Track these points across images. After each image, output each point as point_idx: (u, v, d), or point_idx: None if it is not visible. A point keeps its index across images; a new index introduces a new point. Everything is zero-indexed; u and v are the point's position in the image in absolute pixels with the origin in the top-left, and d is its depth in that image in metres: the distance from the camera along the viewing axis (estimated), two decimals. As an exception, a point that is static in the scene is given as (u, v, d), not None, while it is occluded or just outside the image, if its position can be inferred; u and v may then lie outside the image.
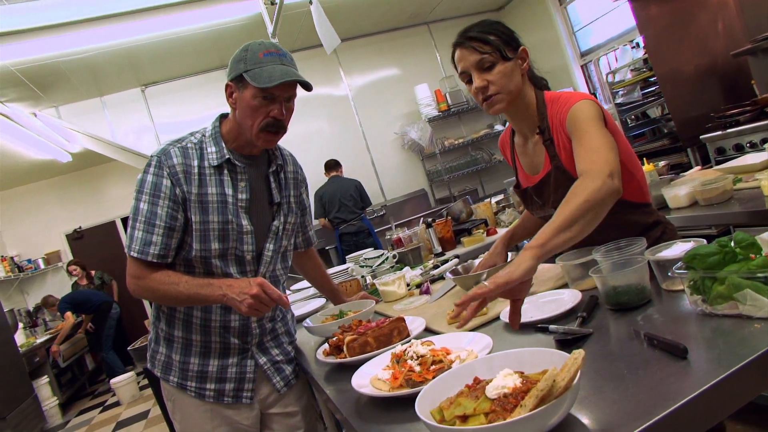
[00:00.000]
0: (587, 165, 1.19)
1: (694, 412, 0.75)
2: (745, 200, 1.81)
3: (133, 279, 1.44)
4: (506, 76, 1.40)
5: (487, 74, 1.40)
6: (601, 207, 1.11)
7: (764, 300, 0.88)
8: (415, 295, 1.96)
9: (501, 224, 3.05)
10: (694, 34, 3.82)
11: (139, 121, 5.57)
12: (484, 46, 1.39)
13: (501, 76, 1.40)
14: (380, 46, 6.63)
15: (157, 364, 1.59)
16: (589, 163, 1.19)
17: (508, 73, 1.40)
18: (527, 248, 1.04)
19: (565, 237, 1.06)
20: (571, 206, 1.08)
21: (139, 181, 1.44)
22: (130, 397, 5.81)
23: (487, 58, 1.39)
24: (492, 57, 1.39)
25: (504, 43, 1.41)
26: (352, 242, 5.42)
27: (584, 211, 1.08)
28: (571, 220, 1.06)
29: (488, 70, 1.40)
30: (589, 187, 1.11)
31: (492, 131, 6.56)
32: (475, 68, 1.41)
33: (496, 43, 1.39)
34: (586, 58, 5.92)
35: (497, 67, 1.40)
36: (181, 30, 4.76)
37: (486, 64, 1.40)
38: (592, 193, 1.10)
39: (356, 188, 5.52)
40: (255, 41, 1.45)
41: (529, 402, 0.70)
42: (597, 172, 1.15)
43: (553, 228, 1.06)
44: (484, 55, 1.39)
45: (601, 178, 1.12)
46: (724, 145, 3.43)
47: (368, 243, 5.38)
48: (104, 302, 6.72)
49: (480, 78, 1.41)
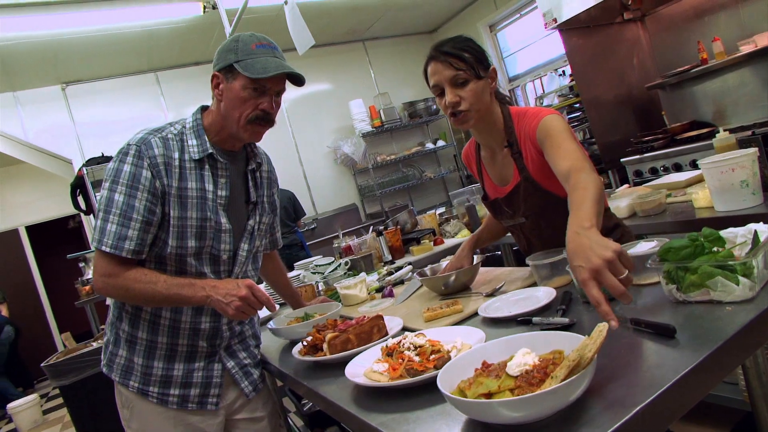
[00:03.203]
0: (572, 162, 1.29)
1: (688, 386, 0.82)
2: (677, 212, 2.01)
3: (102, 277, 1.34)
4: (477, 94, 1.48)
5: (459, 90, 1.47)
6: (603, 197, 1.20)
7: (733, 286, 0.99)
8: (377, 299, 1.98)
9: (446, 235, 3.15)
10: (614, 66, 4.19)
11: (57, 120, 5.16)
12: (459, 62, 1.46)
13: (473, 93, 1.47)
14: (316, 60, 6.63)
15: (115, 368, 1.49)
16: (574, 161, 1.28)
17: (479, 91, 1.48)
18: (586, 228, 1.01)
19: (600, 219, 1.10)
20: (592, 191, 1.14)
21: (112, 171, 1.35)
22: (32, 423, 5.29)
23: (462, 74, 1.46)
24: (466, 74, 1.46)
25: (477, 62, 1.48)
26: (284, 255, 5.31)
27: (601, 197, 1.16)
28: (599, 204, 1.13)
29: (461, 86, 1.47)
30: (592, 176, 1.21)
31: (423, 149, 6.75)
32: (449, 83, 1.47)
33: (470, 60, 1.47)
34: (514, 83, 6.28)
35: (470, 84, 1.47)
36: (110, 27, 4.49)
37: (460, 80, 1.46)
38: (597, 181, 1.20)
39: (289, 200, 5.42)
40: (245, 33, 1.43)
41: (560, 372, 0.74)
42: (588, 167, 1.25)
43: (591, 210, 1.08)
44: (458, 72, 1.46)
45: (593, 172, 1.23)
46: (641, 168, 3.78)
47: (301, 256, 5.30)
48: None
49: (453, 93, 1.47)
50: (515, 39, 6.20)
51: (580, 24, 4.06)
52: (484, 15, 6.32)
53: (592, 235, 0.99)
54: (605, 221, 1.56)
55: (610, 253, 0.93)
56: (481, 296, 1.55)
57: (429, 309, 1.49)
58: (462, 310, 1.46)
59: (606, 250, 0.93)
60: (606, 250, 0.93)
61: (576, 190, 1.17)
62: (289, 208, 5.41)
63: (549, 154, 1.40)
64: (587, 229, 1.01)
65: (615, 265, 0.93)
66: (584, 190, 1.15)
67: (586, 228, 1.01)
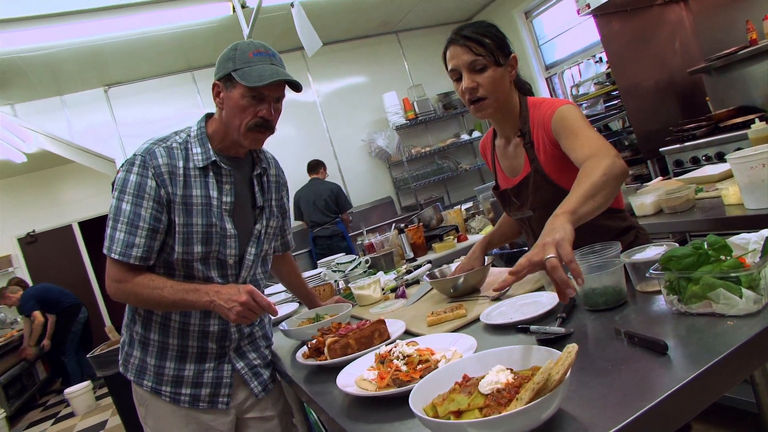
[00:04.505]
0: (590, 150, 1.23)
1: (676, 405, 0.78)
2: (707, 209, 1.91)
3: (113, 282, 1.40)
4: (496, 81, 1.42)
5: (477, 76, 1.42)
6: (616, 181, 1.15)
7: (736, 298, 0.93)
8: (390, 299, 1.97)
9: (471, 231, 3.10)
10: (654, 51, 3.99)
11: (101, 121, 5.40)
12: (479, 47, 1.40)
13: (491, 80, 1.42)
14: (349, 53, 6.65)
15: (130, 368, 1.55)
16: (593, 149, 1.23)
17: (498, 78, 1.43)
18: (558, 214, 1.04)
19: (592, 205, 1.08)
20: (593, 178, 1.11)
21: (120, 180, 1.40)
22: (86, 408, 5.59)
23: (481, 60, 1.40)
24: (485, 60, 1.41)
25: (497, 48, 1.42)
26: (325, 245, 5.43)
27: (604, 183, 1.11)
28: (595, 190, 1.09)
29: (479, 72, 1.42)
30: (603, 162, 1.15)
31: (458, 140, 6.66)
32: (467, 68, 1.42)
33: (490, 46, 1.41)
34: (550, 71, 6.10)
35: (488, 71, 1.42)
36: (148, 30, 4.65)
37: (478, 66, 1.41)
38: (607, 167, 1.13)
39: (332, 192, 5.51)
40: (244, 41, 1.44)
41: (525, 395, 0.72)
42: (604, 153, 1.19)
43: (580, 195, 1.07)
44: (478, 57, 1.40)
45: (610, 157, 1.16)
46: (681, 158, 3.60)
47: (342, 247, 5.38)
48: (74, 305, 6.25)
49: (470, 79, 1.42)
50: (552, 25, 6.01)
51: (616, 8, 3.88)
52: (519, 1, 6.15)
53: (556, 221, 1.02)
54: (618, 222, 1.49)
55: (554, 238, 0.98)
56: (488, 300, 1.52)
57: (433, 313, 1.48)
58: (465, 314, 1.43)
59: (555, 233, 0.99)
60: (555, 233, 0.99)
61: (578, 177, 1.14)
62: (330, 201, 5.50)
63: (567, 145, 1.34)
64: (557, 216, 1.04)
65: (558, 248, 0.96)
66: (584, 177, 1.13)
67: (558, 214, 1.04)
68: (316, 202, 5.43)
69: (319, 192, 5.47)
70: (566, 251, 0.95)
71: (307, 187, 5.54)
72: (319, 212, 5.43)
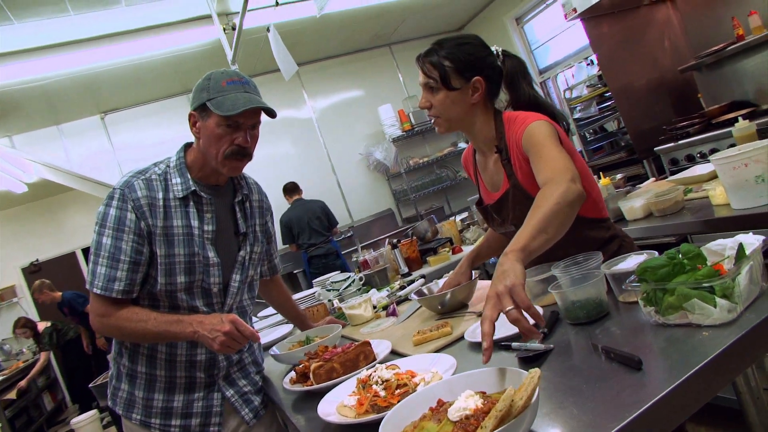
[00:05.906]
0: (548, 173, 1.22)
1: (650, 421, 0.77)
2: (696, 210, 1.88)
3: (97, 317, 1.40)
4: (446, 103, 1.46)
5: (431, 96, 1.48)
6: (571, 209, 1.14)
7: (711, 308, 0.91)
8: (381, 318, 1.96)
9: (466, 242, 3.09)
10: (644, 51, 3.99)
11: (98, 148, 5.45)
12: (432, 71, 1.45)
13: (441, 102, 1.47)
14: (343, 68, 6.69)
15: (118, 401, 1.54)
16: (550, 172, 1.22)
17: (449, 102, 1.46)
18: (508, 253, 1.03)
19: (543, 239, 1.07)
20: (543, 210, 1.10)
21: (101, 215, 1.40)
22: (93, 437, 5.57)
23: (432, 83, 1.46)
24: (436, 84, 1.45)
25: (456, 72, 1.44)
26: (321, 264, 5.38)
27: (556, 213, 1.10)
28: (546, 223, 1.08)
29: (433, 92, 1.47)
30: (556, 191, 1.14)
31: (456, 149, 6.66)
32: (423, 87, 1.50)
33: (448, 70, 1.43)
34: (544, 75, 6.09)
35: (440, 93, 1.46)
36: (141, 56, 4.70)
37: (431, 86, 1.47)
38: (559, 195, 1.12)
39: (322, 209, 5.49)
40: (217, 70, 1.45)
41: (489, 423, 0.70)
42: (559, 178, 1.18)
43: (530, 231, 1.07)
44: (429, 80, 1.46)
45: (564, 183, 1.15)
46: (676, 156, 3.57)
47: (337, 265, 5.35)
48: None
49: (425, 98, 1.50)
50: (544, 30, 6.02)
51: (603, 11, 3.89)
52: (509, 8, 6.17)
53: (506, 262, 1.01)
54: (601, 233, 1.48)
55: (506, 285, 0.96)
56: (474, 316, 1.51)
57: (419, 332, 1.46)
58: (451, 332, 1.42)
59: (506, 278, 0.97)
60: (506, 279, 0.97)
61: (533, 207, 1.13)
62: (323, 218, 5.47)
63: (533, 166, 1.34)
64: (507, 254, 1.03)
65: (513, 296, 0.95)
66: (536, 208, 1.12)
67: (507, 252, 1.03)
68: (311, 222, 5.38)
69: (312, 210, 5.43)
70: (521, 298, 0.94)
71: (295, 209, 5.46)
72: (314, 232, 5.39)
